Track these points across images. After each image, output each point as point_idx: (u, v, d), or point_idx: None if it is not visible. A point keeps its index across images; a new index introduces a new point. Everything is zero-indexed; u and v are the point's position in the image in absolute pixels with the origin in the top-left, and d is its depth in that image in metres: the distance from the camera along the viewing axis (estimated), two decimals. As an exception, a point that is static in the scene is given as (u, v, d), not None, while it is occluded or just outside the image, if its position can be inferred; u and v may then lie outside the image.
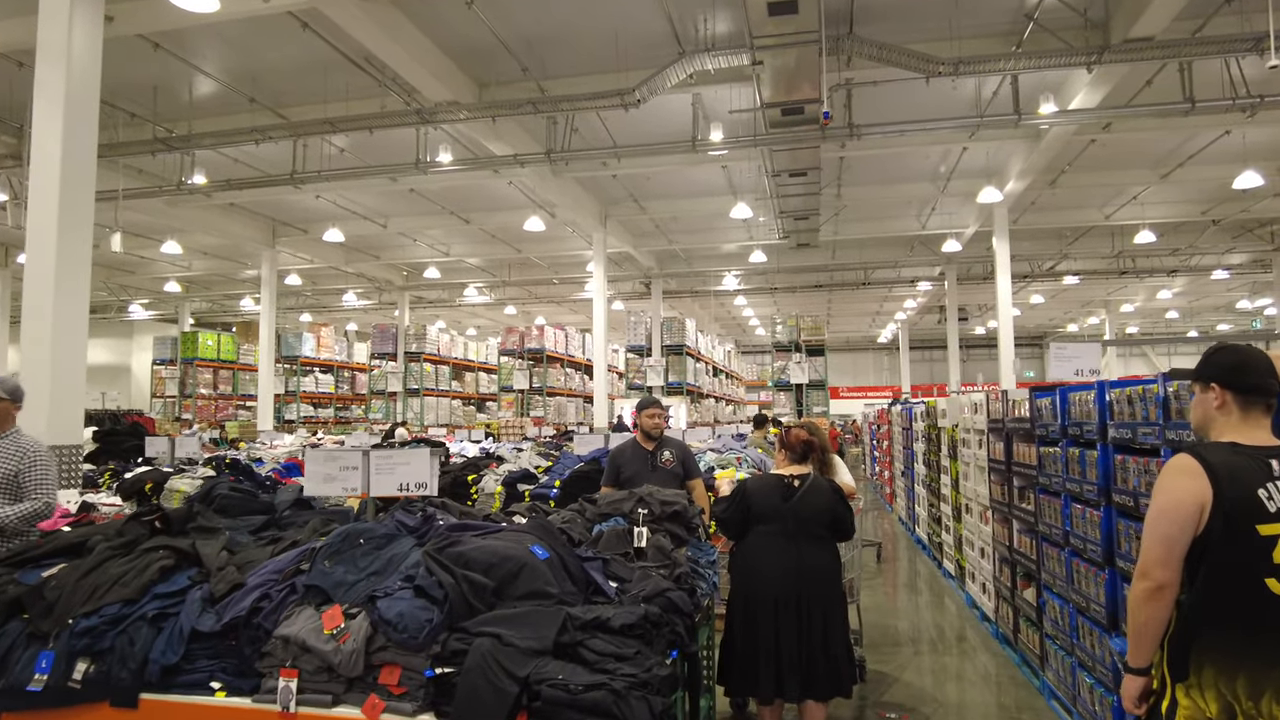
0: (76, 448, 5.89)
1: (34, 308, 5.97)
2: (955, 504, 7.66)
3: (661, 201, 18.56)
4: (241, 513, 3.17)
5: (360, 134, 13.23)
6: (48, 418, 5.68)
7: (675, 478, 5.04)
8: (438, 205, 18.25)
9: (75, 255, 6.14)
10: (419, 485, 3.01)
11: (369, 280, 26.46)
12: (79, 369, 6.05)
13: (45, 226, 6.05)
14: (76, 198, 6.22)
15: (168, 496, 6.11)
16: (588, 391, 28.02)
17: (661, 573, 2.69)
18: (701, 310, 33.75)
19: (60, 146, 6.17)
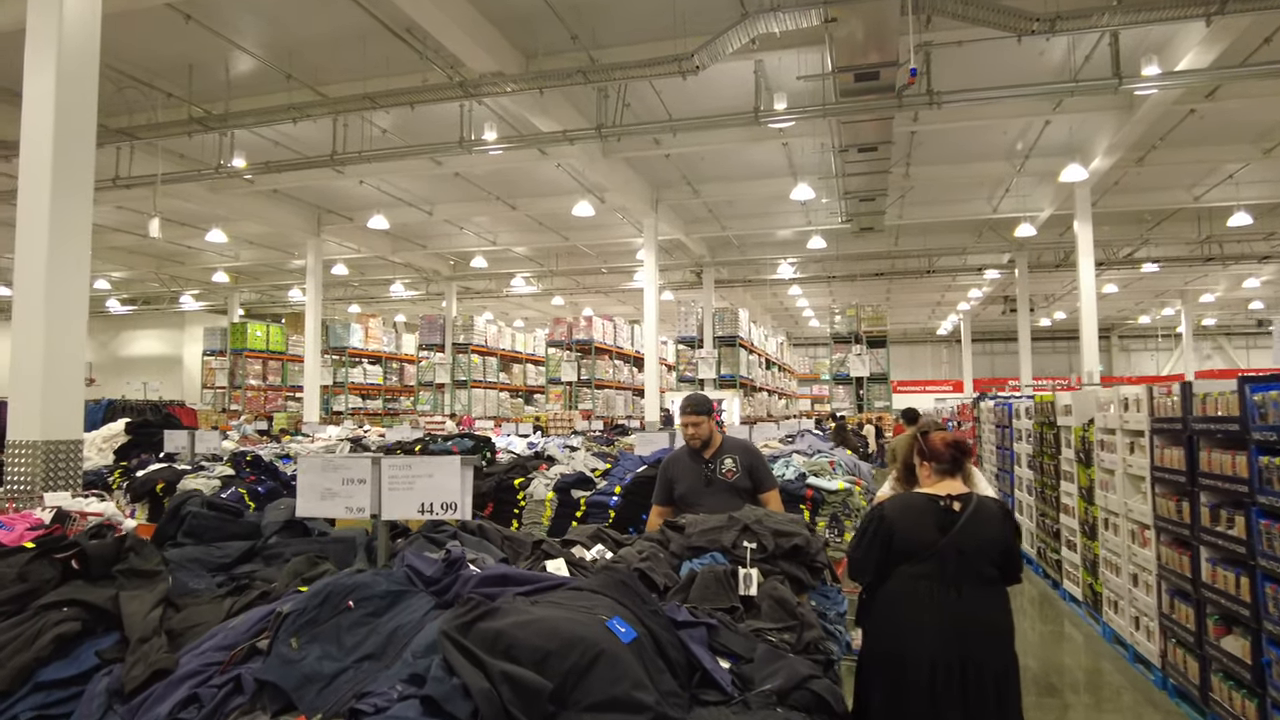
0: (74, 443, 5.28)
1: (25, 294, 5.37)
2: (1086, 517, 6.61)
3: (715, 184, 17.65)
4: (216, 537, 2.46)
5: (402, 114, 12.63)
6: (41, 410, 5.08)
7: (740, 493, 4.08)
8: (484, 190, 17.61)
9: (70, 238, 5.53)
10: (446, 506, 2.24)
11: (416, 270, 26.03)
12: (76, 358, 5.44)
13: (37, 204, 5.45)
14: (72, 175, 5.60)
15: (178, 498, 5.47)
16: (636, 384, 27.30)
17: (786, 639, 1.88)
18: (753, 300, 32.78)
19: (53, 119, 5.54)
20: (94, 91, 6.26)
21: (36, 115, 5.76)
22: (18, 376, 5.22)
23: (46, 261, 5.35)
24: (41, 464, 5.02)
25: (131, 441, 9.72)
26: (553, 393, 25.06)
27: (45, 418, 5.10)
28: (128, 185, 13.85)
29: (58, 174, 5.49)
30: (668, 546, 2.27)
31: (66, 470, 5.16)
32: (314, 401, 20.77)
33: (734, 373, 23.76)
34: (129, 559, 2.03)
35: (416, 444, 8.54)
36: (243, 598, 1.95)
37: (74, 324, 5.46)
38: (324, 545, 2.40)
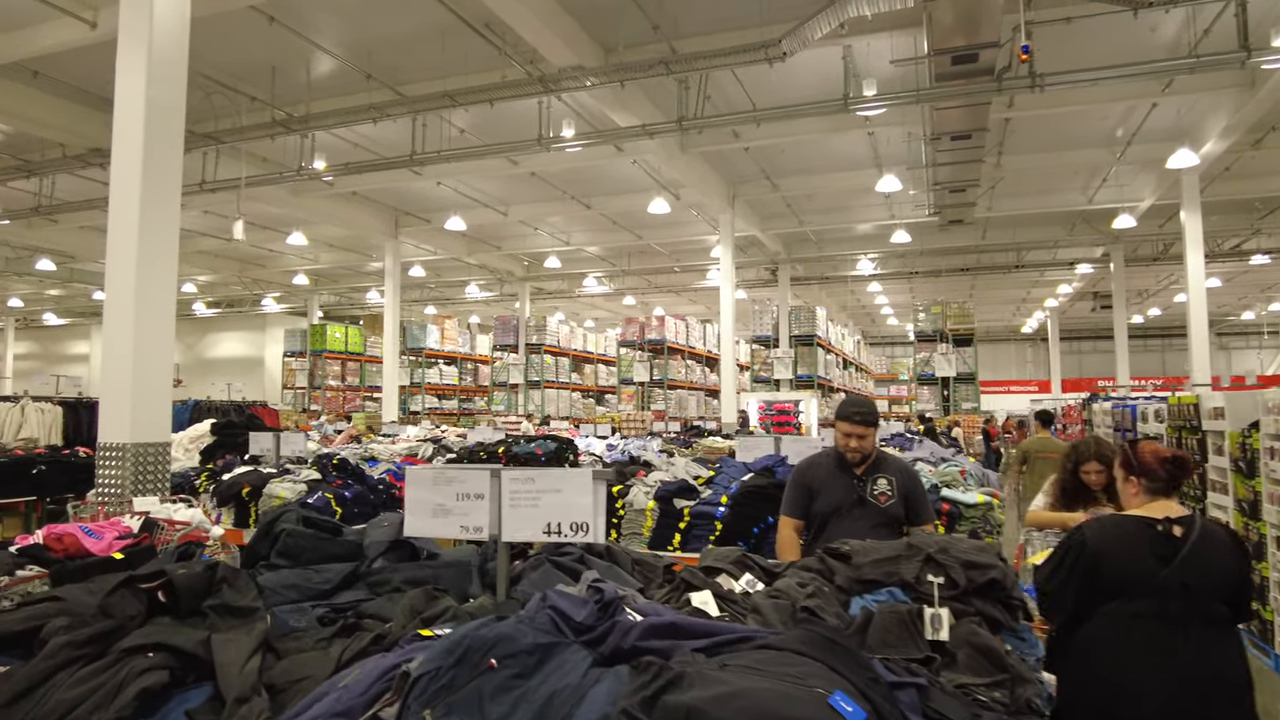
0: (163, 446, 5.19)
1: (115, 298, 5.30)
2: (1247, 534, 5.91)
3: (795, 177, 17.13)
4: (314, 559, 2.21)
5: (480, 113, 12.54)
6: (131, 413, 4.99)
7: (892, 521, 3.50)
8: (558, 190, 17.46)
9: (159, 242, 5.46)
10: (576, 527, 1.93)
11: (490, 271, 26.14)
12: (165, 361, 5.37)
13: (127, 209, 5.40)
14: (160, 180, 5.54)
15: (266, 503, 5.34)
16: (709, 384, 26.89)
17: (996, 696, 1.52)
18: (829, 298, 32.01)
19: (143, 125, 5.47)
20: (182, 97, 6.22)
21: (127, 121, 5.72)
22: (108, 380, 5.16)
23: (136, 266, 5.28)
24: (131, 467, 4.93)
25: (217, 442, 9.78)
26: (625, 393, 24.83)
27: (135, 421, 5.02)
28: (213, 189, 14.09)
29: (147, 179, 5.43)
30: (832, 578, 1.92)
31: (155, 473, 5.07)
32: (392, 402, 20.98)
33: (811, 373, 23.16)
34: (222, 591, 1.77)
35: (499, 446, 8.34)
36: (354, 641, 1.66)
37: (162, 327, 5.39)
38: (436, 570, 2.12)
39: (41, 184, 15.51)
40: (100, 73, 11.92)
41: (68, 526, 3.16)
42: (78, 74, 11.99)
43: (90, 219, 19.36)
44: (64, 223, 19.62)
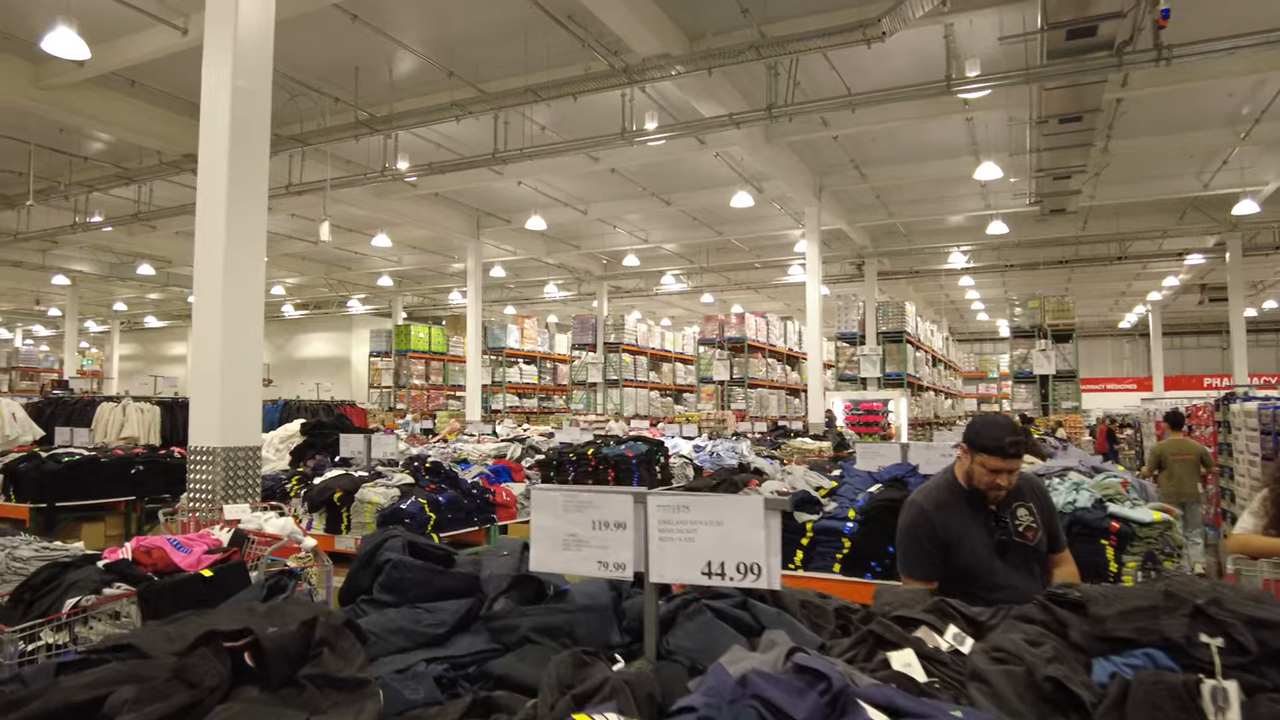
0: (253, 450, 5.05)
1: (204, 301, 5.21)
2: None
3: (885, 167, 16.44)
4: (424, 594, 1.90)
5: (561, 109, 12.36)
6: (220, 417, 4.87)
7: (1038, 559, 2.90)
8: (638, 186, 17.17)
9: (246, 244, 5.35)
10: (745, 568, 1.56)
11: (569, 271, 26.07)
12: (254, 364, 5.25)
13: (214, 213, 5.29)
14: (247, 183, 5.42)
15: (358, 509, 5.16)
16: (789, 383, 26.26)
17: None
18: (916, 293, 30.94)
19: (229, 128, 5.35)
20: (268, 99, 6.12)
21: (213, 124, 5.62)
22: (198, 383, 5.07)
23: (224, 268, 5.17)
24: (221, 471, 4.81)
25: (306, 443, 9.79)
26: (704, 392, 24.41)
27: (225, 425, 4.89)
28: (299, 192, 14.26)
29: (234, 182, 5.32)
30: (1064, 634, 1.51)
31: (246, 478, 4.94)
32: (476, 401, 21.10)
33: (901, 371, 22.35)
34: (322, 657, 1.44)
35: (587, 447, 8.06)
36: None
37: (250, 330, 5.27)
38: (570, 616, 1.78)
39: (140, 191, 15.99)
40: (192, 80, 12.04)
41: (156, 539, 2.97)
42: (171, 81, 12.23)
43: (185, 224, 19.97)
44: (161, 228, 20.29)
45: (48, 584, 2.67)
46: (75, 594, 2.55)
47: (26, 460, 6.94)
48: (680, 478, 8.60)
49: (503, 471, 6.51)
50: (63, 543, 3.36)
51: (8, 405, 10.18)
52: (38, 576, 2.69)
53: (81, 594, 2.55)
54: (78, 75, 11.34)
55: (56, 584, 2.63)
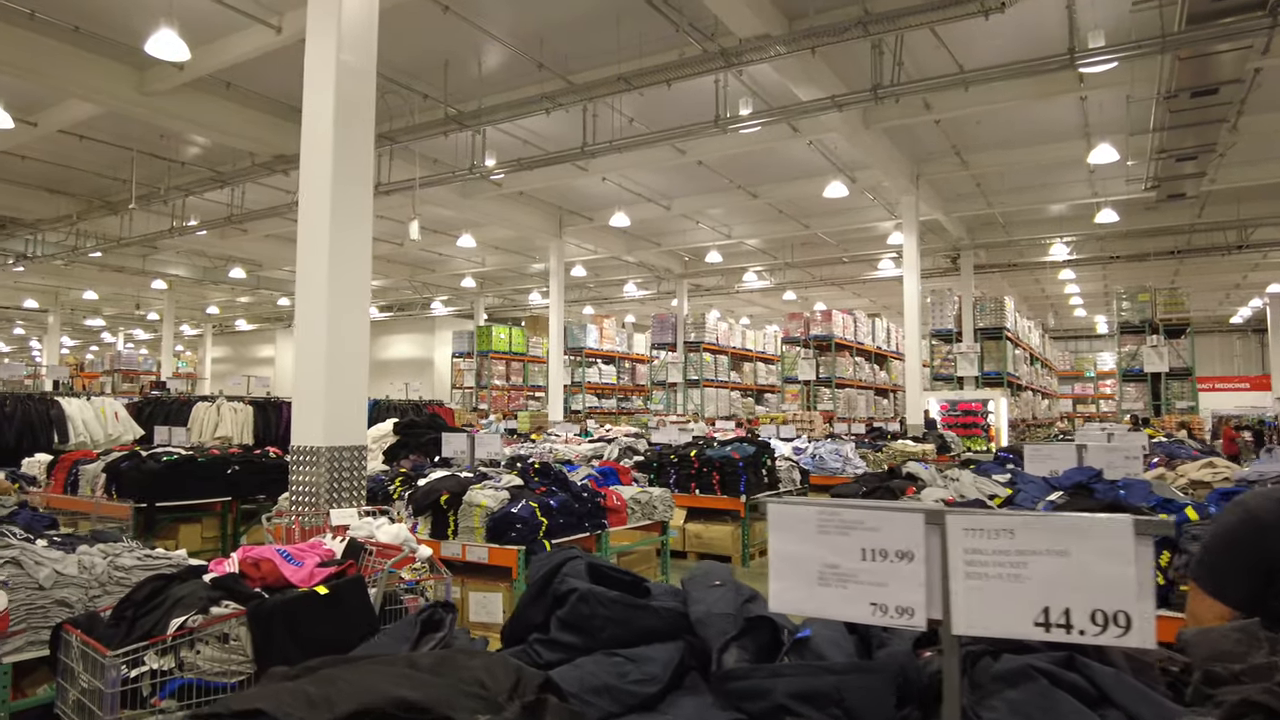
0: (358, 450, 4.78)
1: (308, 291, 4.97)
2: None
3: (988, 152, 15.56)
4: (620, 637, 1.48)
5: (650, 101, 12.02)
6: (325, 416, 4.60)
7: None
8: (724, 179, 16.67)
9: (352, 242, 5.10)
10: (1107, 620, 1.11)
11: (648, 269, 25.72)
12: (359, 362, 4.98)
13: (317, 209, 5.05)
14: (352, 169, 5.16)
15: (466, 513, 4.83)
16: (878, 383, 25.35)
17: None
18: (1010, 288, 29.59)
19: (332, 124, 5.09)
20: (372, 79, 5.89)
21: (318, 108, 5.38)
22: (301, 380, 4.83)
23: (329, 257, 4.93)
24: (325, 472, 4.55)
25: (400, 442, 9.61)
26: (789, 392, 23.72)
27: (329, 423, 4.63)
28: (387, 191, 14.22)
29: (339, 167, 5.08)
30: None
31: (350, 479, 4.67)
32: (558, 401, 20.94)
33: (1000, 369, 21.31)
34: None
35: (689, 449, 7.62)
36: None
37: (356, 319, 5.02)
38: (839, 680, 1.32)
39: (233, 194, 16.25)
40: (284, 80, 12.20)
41: (264, 550, 2.66)
42: (265, 83, 12.30)
43: (274, 227, 20.35)
44: (252, 231, 20.71)
45: (151, 599, 2.38)
46: (180, 612, 2.25)
47: (128, 459, 6.89)
48: (786, 481, 8.09)
49: (610, 473, 6.13)
50: (163, 548, 3.10)
51: (110, 404, 10.32)
52: (140, 591, 2.40)
53: (187, 612, 2.25)
54: (177, 79, 11.47)
55: (161, 600, 2.34)
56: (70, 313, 33.80)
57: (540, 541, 4.58)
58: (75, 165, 15.90)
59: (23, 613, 2.57)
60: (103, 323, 37.47)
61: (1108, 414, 39.19)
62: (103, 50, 11.20)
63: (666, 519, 5.97)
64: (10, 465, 8.16)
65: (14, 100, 12.13)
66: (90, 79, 11.30)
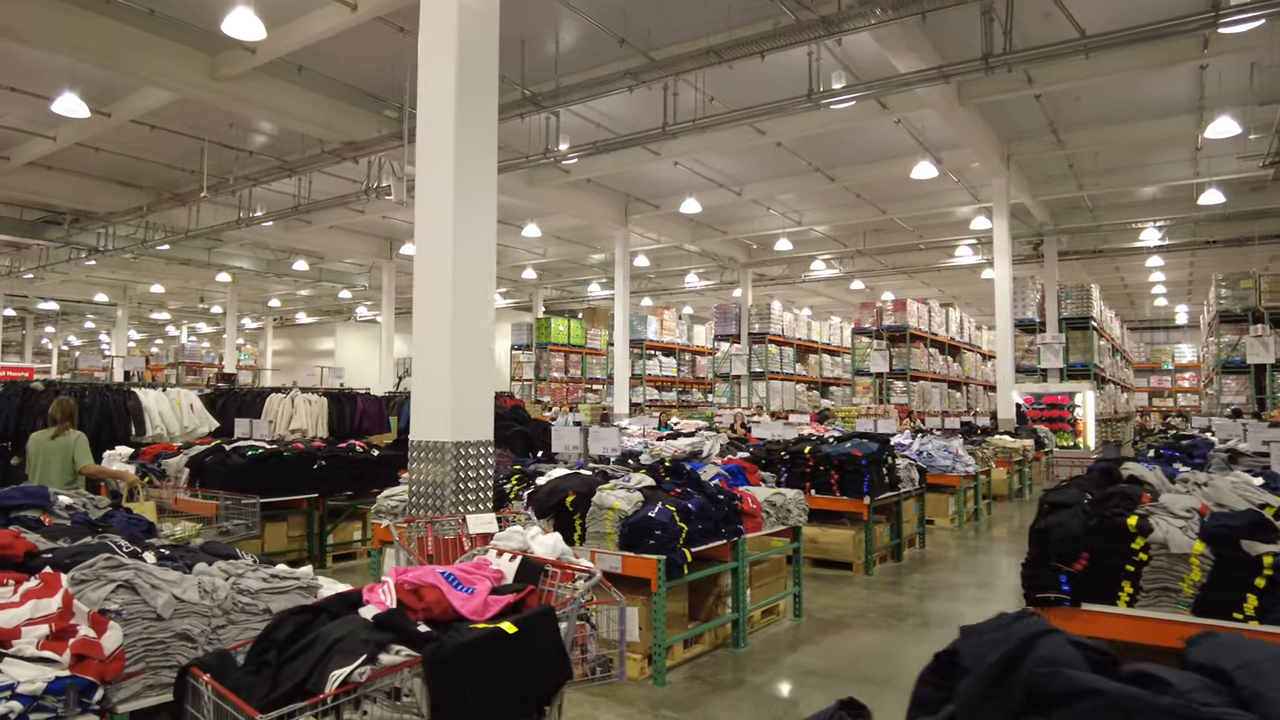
0: (484, 444, 4.30)
1: (430, 281, 4.50)
2: None
3: (1087, 130, 14.61)
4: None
5: (733, 81, 11.46)
6: (451, 406, 4.13)
7: None
8: (803, 161, 15.96)
9: (476, 233, 4.61)
10: None
11: (711, 258, 25.07)
12: (485, 349, 4.52)
13: (439, 202, 4.54)
14: (475, 167, 4.66)
15: (596, 516, 4.32)
16: (951, 375, 24.35)
17: None
18: (1089, 276, 28.32)
19: (454, 108, 4.60)
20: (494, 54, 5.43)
21: (437, 62, 4.90)
22: (422, 367, 4.37)
23: (453, 243, 4.49)
24: (452, 470, 4.08)
25: (483, 436, 9.15)
26: (860, 385, 22.89)
27: (456, 414, 4.15)
28: (459, 178, 13.81)
29: (462, 128, 4.60)
30: None
31: (477, 477, 4.19)
32: (624, 394, 20.51)
33: (1087, 361, 20.29)
34: None
35: (802, 445, 7.02)
36: None
37: (482, 311, 4.59)
38: None
39: (299, 184, 16.04)
40: (356, 61, 11.87)
41: (424, 574, 2.16)
42: (336, 66, 11.98)
43: (338, 218, 20.20)
44: (316, 223, 20.58)
45: (296, 638, 1.89)
46: (341, 661, 1.76)
47: (211, 454, 6.54)
48: (906, 481, 7.46)
49: (738, 471, 5.58)
50: (286, 566, 2.64)
51: (185, 396, 10.09)
52: (282, 628, 1.92)
53: (350, 661, 1.76)
54: (249, 63, 11.19)
55: (310, 641, 1.85)
56: (138, 306, 34.34)
57: (680, 550, 4.06)
58: (145, 157, 15.84)
59: (140, 650, 2.11)
60: (167, 316, 38.06)
61: (1186, 408, 37.48)
62: (176, 35, 10.98)
63: (800, 524, 5.40)
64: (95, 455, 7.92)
65: (89, 91, 11.99)
66: (164, 64, 11.09)
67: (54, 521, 3.55)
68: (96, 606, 2.07)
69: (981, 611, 6.36)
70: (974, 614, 6.30)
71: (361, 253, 23.89)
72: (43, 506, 3.61)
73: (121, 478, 5.38)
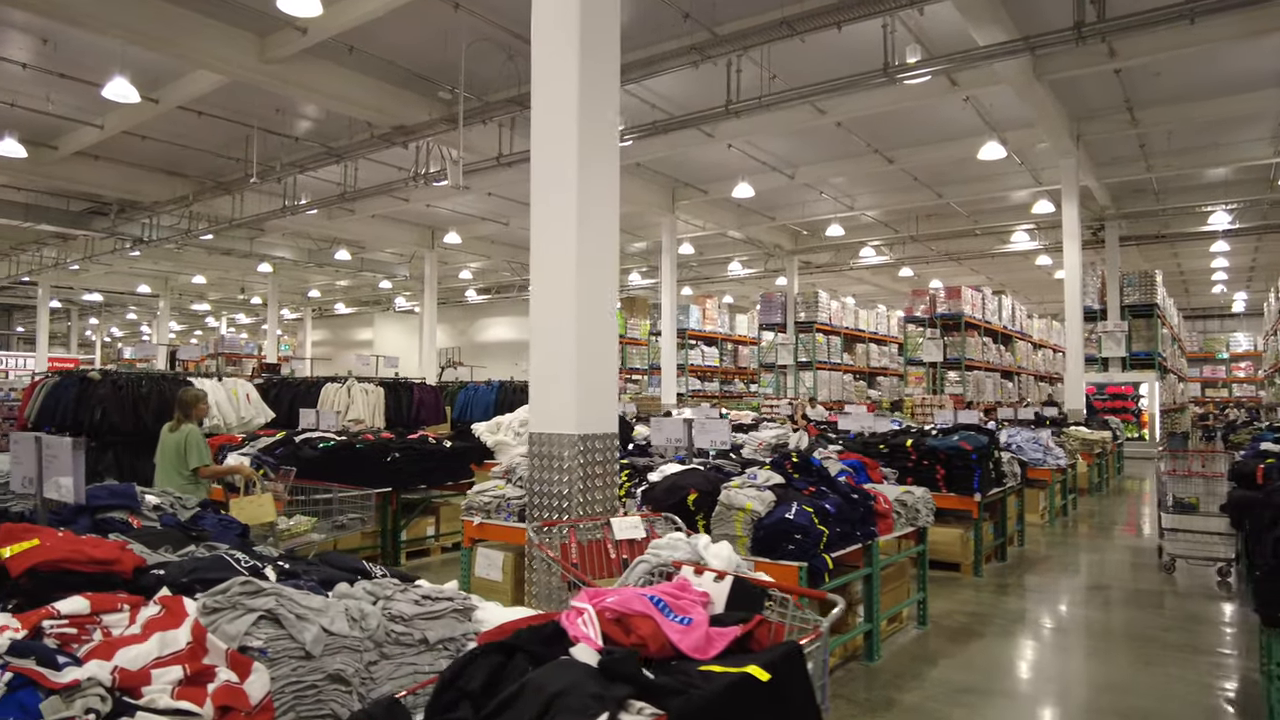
0: (610, 438, 3.91)
1: (552, 259, 4.13)
2: None
3: (1164, 107, 13.90)
4: None
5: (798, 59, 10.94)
6: (577, 397, 3.74)
7: None
8: (862, 142, 15.40)
9: (600, 205, 4.22)
10: None
11: (756, 246, 24.53)
12: (610, 334, 4.16)
13: (560, 181, 4.13)
14: (598, 134, 4.27)
15: (723, 517, 3.91)
16: (1004, 365, 23.65)
17: None
18: (1145, 262, 27.44)
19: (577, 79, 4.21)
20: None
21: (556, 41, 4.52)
22: (543, 352, 4.01)
23: (577, 218, 4.10)
24: (580, 467, 3.69)
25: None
26: (912, 375, 22.29)
27: (581, 404, 3.77)
28: (509, 163, 13.46)
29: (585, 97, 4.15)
30: None
31: (604, 474, 3.82)
32: (671, 384, 20.15)
33: (1151, 350, 19.56)
34: None
35: (902, 437, 6.57)
36: None
37: (607, 290, 4.22)
38: None
39: (345, 171, 15.78)
40: (407, 42, 11.53)
41: (630, 599, 1.77)
42: (386, 46, 11.65)
43: (381, 206, 19.95)
44: (359, 212, 20.36)
45: (493, 688, 1.50)
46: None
47: (281, 446, 6.24)
48: (1009, 476, 6.99)
49: (860, 468, 5.16)
50: (431, 583, 2.25)
51: (241, 386, 9.84)
52: (471, 676, 1.51)
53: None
54: (299, 44, 10.90)
55: (515, 693, 1.45)
56: (178, 297, 34.50)
57: (822, 556, 3.66)
58: (191, 144, 15.66)
59: (289, 697, 1.69)
60: (207, 307, 38.25)
61: (1243, 399, 36.32)
62: (227, 16, 10.73)
63: (928, 524, 4.97)
64: (151, 447, 7.67)
65: (138, 77, 11.77)
66: (214, 46, 10.84)
67: (142, 524, 3.21)
68: (235, 643, 1.69)
69: (1115, 617, 5.87)
70: (1110, 620, 5.81)
71: (403, 242, 23.68)
72: (130, 507, 3.28)
73: (238, 471, 5.16)
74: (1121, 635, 5.43)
